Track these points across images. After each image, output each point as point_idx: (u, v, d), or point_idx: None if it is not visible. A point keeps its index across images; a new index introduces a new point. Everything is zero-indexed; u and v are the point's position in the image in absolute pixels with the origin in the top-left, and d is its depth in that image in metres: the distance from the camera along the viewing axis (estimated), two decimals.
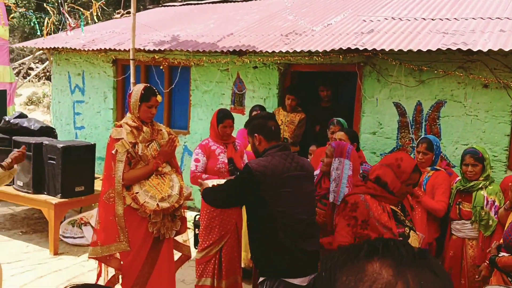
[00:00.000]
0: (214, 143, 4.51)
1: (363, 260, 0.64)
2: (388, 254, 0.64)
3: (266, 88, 6.55)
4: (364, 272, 0.62)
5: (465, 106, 5.18)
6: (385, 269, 0.62)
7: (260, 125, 3.17)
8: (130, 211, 3.51)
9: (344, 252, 0.67)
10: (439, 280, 0.63)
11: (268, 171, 2.93)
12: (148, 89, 3.67)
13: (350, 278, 0.63)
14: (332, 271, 0.65)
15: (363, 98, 5.82)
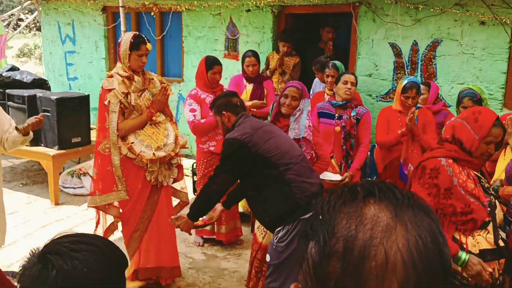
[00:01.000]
0: (202, 92, 4.50)
1: (361, 203, 0.66)
2: (384, 197, 0.66)
3: (260, 32, 6.42)
4: (363, 215, 0.64)
5: (461, 45, 5.11)
6: (384, 212, 0.64)
7: (226, 103, 3.31)
8: (127, 160, 3.53)
9: (340, 195, 0.68)
10: (432, 221, 0.65)
11: (248, 131, 3.09)
12: (137, 37, 3.60)
13: (350, 221, 0.64)
14: (331, 214, 0.66)
15: (359, 40, 5.72)
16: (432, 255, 0.61)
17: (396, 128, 4.22)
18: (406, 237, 0.61)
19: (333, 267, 0.62)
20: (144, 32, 7.26)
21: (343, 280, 0.61)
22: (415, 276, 0.60)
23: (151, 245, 3.78)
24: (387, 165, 4.34)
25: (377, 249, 0.60)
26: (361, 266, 0.60)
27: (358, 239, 0.62)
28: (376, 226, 0.62)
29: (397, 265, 0.60)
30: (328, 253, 0.63)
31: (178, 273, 3.93)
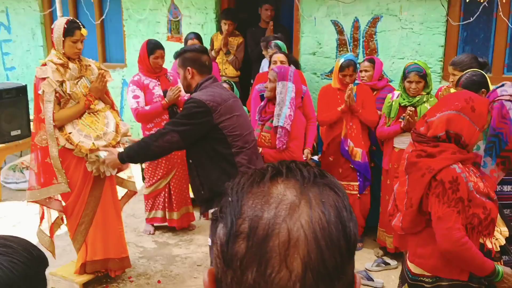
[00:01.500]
0: (146, 77, 4.39)
1: (268, 183, 0.66)
2: (292, 176, 0.66)
3: (203, 13, 6.31)
4: (269, 195, 0.64)
5: (400, 20, 5.19)
6: (289, 190, 0.64)
7: (195, 59, 3.10)
8: (66, 152, 3.41)
9: (249, 176, 0.69)
10: (339, 198, 0.66)
11: (217, 99, 2.96)
12: (71, 23, 3.44)
13: (256, 201, 0.64)
14: (239, 195, 0.66)
15: (301, 18, 5.72)
16: (335, 230, 0.62)
17: (336, 105, 4.27)
18: (310, 214, 0.62)
19: (239, 247, 0.62)
20: (82, 16, 6.99)
21: (247, 259, 0.61)
22: (318, 251, 0.60)
23: (98, 237, 3.69)
24: (330, 143, 4.39)
25: (280, 227, 0.61)
26: (264, 245, 0.60)
27: (263, 218, 0.62)
28: (281, 205, 0.62)
29: (300, 241, 0.60)
30: (234, 233, 0.63)
31: (127, 263, 3.86)
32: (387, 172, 4.18)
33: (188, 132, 2.93)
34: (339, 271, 0.62)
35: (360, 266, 4.16)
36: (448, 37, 5.06)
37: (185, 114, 2.96)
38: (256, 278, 0.60)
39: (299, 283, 0.59)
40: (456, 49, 5.10)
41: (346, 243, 0.63)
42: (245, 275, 0.61)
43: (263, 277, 0.60)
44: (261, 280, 0.60)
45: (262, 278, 0.60)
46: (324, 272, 0.60)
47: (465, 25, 5.01)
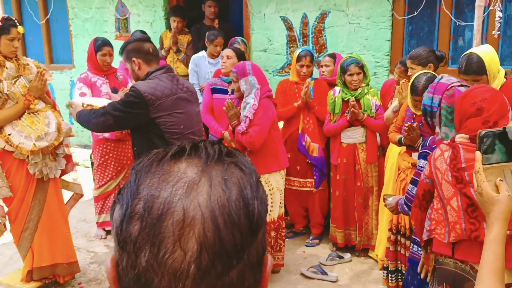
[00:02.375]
0: (93, 75, 4.28)
1: (170, 161, 0.63)
2: (196, 154, 0.64)
3: (151, 11, 6.21)
4: (168, 173, 0.61)
5: (348, 15, 5.26)
6: (191, 168, 0.61)
7: (137, 48, 3.02)
8: (5, 154, 3.27)
9: (151, 156, 0.65)
10: (244, 175, 0.64)
11: (158, 93, 2.89)
12: (6, 20, 3.30)
13: (154, 180, 0.61)
14: (137, 175, 0.63)
15: (251, 15, 5.71)
16: (235, 208, 0.59)
17: (293, 99, 4.31)
18: (209, 192, 0.59)
19: (133, 228, 0.59)
20: (26, 16, 6.76)
21: (141, 240, 0.58)
22: (215, 230, 0.58)
23: (44, 243, 3.55)
24: (287, 139, 4.40)
25: (176, 206, 0.58)
26: (158, 225, 0.57)
27: (159, 197, 0.59)
28: (179, 183, 0.60)
29: (196, 220, 0.57)
30: (129, 214, 0.59)
31: (76, 268, 3.74)
32: (336, 168, 4.22)
33: (123, 118, 2.92)
34: (239, 250, 0.59)
35: (317, 261, 4.19)
36: (394, 31, 5.16)
37: (123, 101, 2.93)
38: (150, 260, 0.57)
39: (194, 264, 0.57)
40: (402, 43, 5.20)
41: (248, 222, 0.60)
42: (139, 258, 0.58)
43: (156, 258, 0.57)
44: (154, 262, 0.57)
45: (155, 260, 0.57)
46: (221, 251, 0.58)
47: (410, 19, 5.12)
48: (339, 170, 4.19)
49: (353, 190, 4.18)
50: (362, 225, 4.21)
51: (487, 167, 1.23)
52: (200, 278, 0.58)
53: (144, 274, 0.58)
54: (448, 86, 2.35)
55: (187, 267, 0.57)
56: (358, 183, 4.16)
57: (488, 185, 1.23)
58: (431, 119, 2.47)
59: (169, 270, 0.57)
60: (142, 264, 0.58)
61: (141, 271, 0.58)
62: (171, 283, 0.57)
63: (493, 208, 1.22)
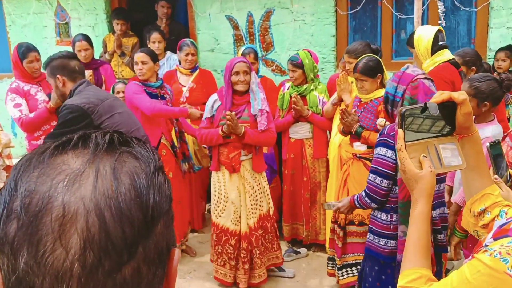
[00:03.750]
0: (25, 83, 4.07)
1: (52, 154, 0.57)
2: (84, 145, 0.58)
3: (92, 15, 6.03)
4: (49, 166, 0.56)
5: (292, 12, 5.28)
6: (75, 159, 0.56)
7: (63, 66, 2.97)
8: None
9: (35, 150, 0.59)
10: (140, 164, 0.59)
11: (93, 100, 2.86)
12: None
13: (32, 174, 0.55)
14: (15, 171, 0.57)
15: (196, 15, 5.65)
16: (126, 199, 0.55)
17: None
18: (94, 184, 0.54)
19: (10, 228, 0.53)
20: None
21: (18, 241, 0.53)
22: (100, 225, 0.53)
23: None
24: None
25: (55, 201, 0.53)
26: (35, 222, 0.52)
27: (37, 192, 0.54)
28: (60, 176, 0.54)
29: (78, 215, 0.53)
30: (6, 214, 0.54)
31: None
32: (286, 163, 4.24)
33: None
34: (130, 245, 0.54)
35: None
36: (339, 27, 5.23)
37: (61, 123, 2.83)
38: (28, 261, 0.52)
39: (77, 262, 0.52)
40: (347, 38, 5.27)
41: (142, 213, 0.56)
42: (18, 260, 0.53)
43: (35, 258, 0.52)
44: (34, 263, 0.52)
45: (34, 260, 0.52)
46: (108, 247, 0.53)
47: (353, 14, 5.20)
48: (288, 165, 4.21)
49: (301, 185, 4.21)
50: (309, 220, 4.23)
51: (410, 144, 1.22)
52: (86, 278, 0.53)
53: (25, 277, 0.53)
54: (414, 78, 2.38)
55: (70, 266, 0.52)
56: (305, 178, 4.19)
57: (410, 162, 1.22)
58: (392, 107, 2.49)
59: (50, 270, 0.52)
60: (22, 266, 0.53)
61: (21, 274, 0.53)
62: (53, 285, 0.52)
63: (417, 185, 1.22)
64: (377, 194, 2.58)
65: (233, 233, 3.63)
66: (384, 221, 2.61)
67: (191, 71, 4.69)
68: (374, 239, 2.66)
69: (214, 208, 3.70)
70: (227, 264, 3.66)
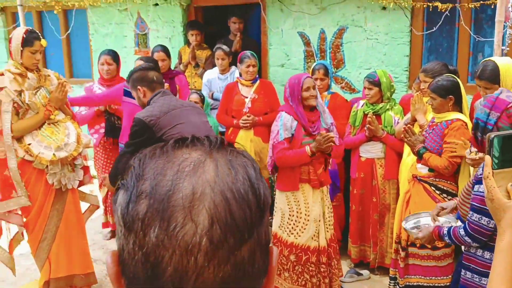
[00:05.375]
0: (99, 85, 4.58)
1: (172, 148, 0.63)
2: (198, 143, 0.64)
3: (170, 27, 6.28)
4: (173, 156, 0.62)
5: (366, 31, 5.26)
6: (194, 152, 0.62)
7: (142, 77, 3.17)
8: (25, 163, 3.30)
9: (154, 148, 0.65)
10: (247, 160, 0.64)
11: (156, 113, 3.00)
12: (30, 33, 3.37)
13: (159, 162, 0.61)
14: (141, 161, 0.63)
15: (269, 30, 5.75)
16: (243, 185, 0.59)
17: None
18: (215, 170, 0.59)
19: (139, 206, 0.58)
20: (47, 31, 6.89)
21: (149, 217, 0.57)
22: (225, 203, 0.57)
23: (61, 253, 3.56)
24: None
25: (184, 182, 0.58)
26: (166, 200, 0.57)
27: (165, 175, 0.59)
28: (185, 162, 0.60)
29: (205, 194, 0.57)
30: (135, 194, 0.59)
31: (93, 279, 3.74)
32: (355, 182, 4.18)
33: (137, 150, 2.94)
34: (250, 226, 0.58)
35: None
36: (413, 47, 5.14)
37: (130, 135, 3.07)
38: (159, 235, 0.56)
39: (206, 237, 0.56)
40: (421, 59, 5.18)
41: (256, 200, 0.60)
42: (147, 235, 0.57)
43: (167, 232, 0.56)
44: (165, 237, 0.56)
45: (165, 234, 0.56)
46: (232, 225, 0.57)
47: (428, 35, 5.10)
48: (357, 184, 4.14)
49: (369, 206, 4.12)
50: (377, 242, 4.13)
51: (498, 172, 1.17)
52: (213, 252, 0.56)
53: (154, 251, 0.57)
54: (509, 104, 2.26)
55: (199, 240, 0.56)
56: (374, 199, 4.10)
57: (498, 190, 1.17)
58: (482, 134, 2.36)
59: (180, 243, 0.56)
60: (152, 241, 0.56)
61: (150, 249, 0.57)
62: (182, 258, 0.56)
63: (505, 215, 1.16)
64: (483, 235, 2.35)
65: (314, 250, 3.51)
66: (488, 260, 2.36)
67: (252, 82, 4.79)
68: (473, 278, 2.45)
69: (290, 228, 3.54)
70: (308, 283, 3.54)
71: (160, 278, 0.57)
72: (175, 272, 0.56)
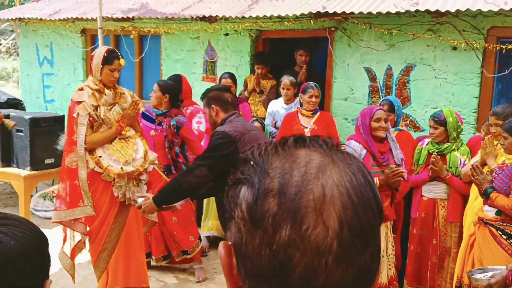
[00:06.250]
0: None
1: (292, 148, 0.65)
2: (315, 143, 0.66)
3: (238, 56, 6.46)
4: (296, 156, 0.63)
5: (434, 69, 5.19)
6: (315, 154, 0.63)
7: (217, 97, 3.26)
8: (94, 175, 3.46)
9: (270, 143, 0.68)
10: (360, 163, 0.65)
11: (240, 129, 3.06)
12: (111, 52, 3.59)
13: (283, 161, 0.63)
14: (263, 158, 0.64)
15: (334, 64, 5.79)
16: (365, 190, 0.61)
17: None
18: (340, 173, 0.61)
19: (269, 205, 0.59)
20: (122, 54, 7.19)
21: (280, 216, 0.58)
22: (353, 208, 0.59)
23: (120, 265, 3.67)
24: None
25: (313, 183, 0.59)
26: (298, 201, 0.58)
27: (293, 175, 0.60)
28: (310, 163, 0.61)
29: (334, 197, 0.59)
30: (263, 191, 0.60)
31: None
32: (415, 221, 4.07)
33: (216, 164, 2.99)
34: (373, 230, 0.60)
35: None
36: (483, 89, 5.01)
37: (211, 147, 3.05)
38: (291, 235, 0.57)
39: (336, 240, 0.57)
40: (491, 101, 5.03)
41: (376, 203, 0.61)
42: (278, 233, 0.58)
43: (299, 233, 0.57)
44: (297, 237, 0.57)
45: (297, 234, 0.57)
46: (359, 228, 0.58)
47: (500, 77, 4.96)
48: (417, 224, 4.03)
49: (429, 247, 3.99)
50: (435, 286, 3.97)
51: None
52: (341, 255, 0.57)
53: (284, 250, 0.58)
54: None
55: (330, 242, 0.57)
56: (435, 241, 3.96)
57: None
58: None
59: (312, 245, 0.57)
60: (283, 239, 0.58)
61: (280, 247, 0.58)
62: (313, 259, 0.57)
63: None
64: None
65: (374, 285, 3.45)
66: None
67: (312, 113, 4.81)
68: None
69: None
70: None
71: (288, 276, 0.58)
72: (305, 272, 0.58)
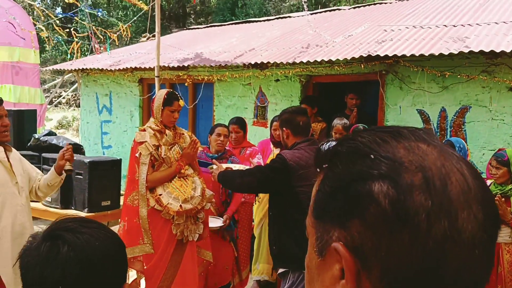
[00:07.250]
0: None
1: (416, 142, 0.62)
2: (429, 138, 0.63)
3: (288, 100, 6.58)
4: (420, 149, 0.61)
5: (490, 111, 5.10)
6: (432, 148, 0.62)
7: (289, 120, 3.29)
8: (154, 213, 3.55)
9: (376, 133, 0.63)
10: None
11: (302, 162, 3.05)
12: (170, 94, 3.75)
13: (414, 153, 0.60)
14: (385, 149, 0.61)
15: (386, 107, 5.79)
16: (485, 184, 0.62)
17: None
18: (466, 168, 0.61)
19: (418, 199, 0.57)
20: None
21: (435, 212, 0.57)
22: (488, 197, 0.60)
23: None
24: None
25: (453, 175, 0.59)
26: (448, 194, 0.58)
27: (431, 168, 0.59)
28: (440, 155, 0.60)
29: (473, 187, 0.59)
30: (408, 186, 0.58)
31: None
32: None
33: (265, 181, 3.11)
34: (496, 222, 0.61)
35: None
36: None
37: (269, 165, 3.18)
38: (448, 230, 0.57)
39: (483, 230, 0.58)
40: None
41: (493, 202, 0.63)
42: (433, 228, 0.57)
43: (455, 226, 0.57)
44: (454, 231, 0.57)
45: (454, 228, 0.57)
46: (495, 218, 0.60)
47: None
48: None
49: None
50: None
51: None
52: (488, 245, 0.59)
53: (441, 246, 0.57)
54: None
55: (480, 234, 0.58)
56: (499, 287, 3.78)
57: None
58: None
59: (468, 237, 0.57)
60: (440, 234, 0.57)
61: (436, 243, 0.57)
62: (470, 251, 0.57)
63: None
64: None
65: None
66: None
67: None
68: None
69: None
70: None
71: (442, 273, 0.57)
72: (460, 267, 0.57)
